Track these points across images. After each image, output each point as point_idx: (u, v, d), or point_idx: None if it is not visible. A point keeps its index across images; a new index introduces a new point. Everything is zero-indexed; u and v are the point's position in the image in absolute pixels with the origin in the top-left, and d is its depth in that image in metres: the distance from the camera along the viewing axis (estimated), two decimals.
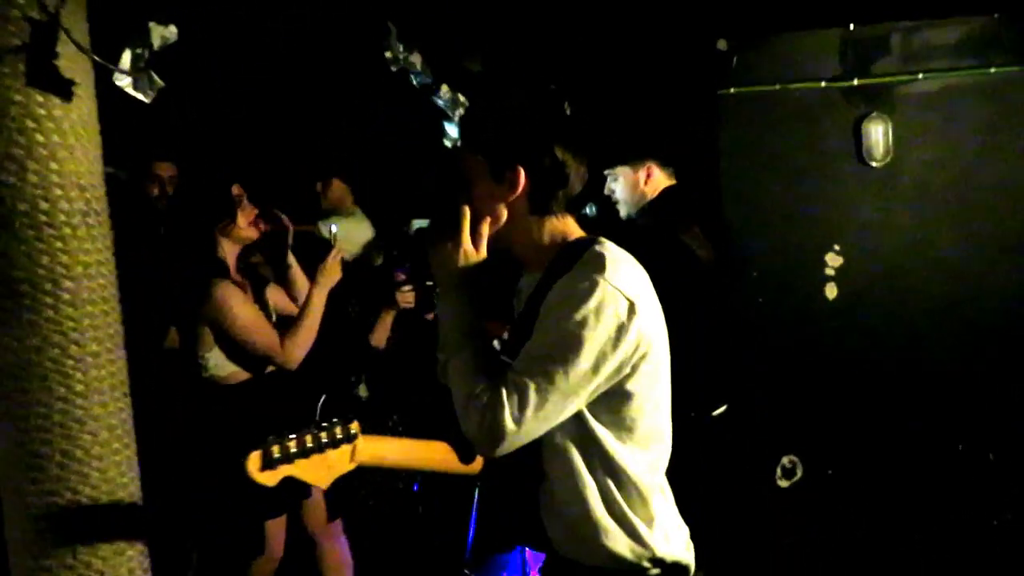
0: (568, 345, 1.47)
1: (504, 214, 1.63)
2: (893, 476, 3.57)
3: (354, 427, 1.59)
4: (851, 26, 3.54)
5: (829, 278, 3.65)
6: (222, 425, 2.74)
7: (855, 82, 3.57)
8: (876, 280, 3.59)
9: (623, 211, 3.44)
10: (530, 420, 1.47)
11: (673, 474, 1.79)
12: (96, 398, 1.86)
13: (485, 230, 1.62)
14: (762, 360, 3.64)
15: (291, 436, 1.54)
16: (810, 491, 3.62)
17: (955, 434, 3.52)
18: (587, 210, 3.57)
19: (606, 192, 3.46)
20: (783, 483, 3.68)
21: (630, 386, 1.57)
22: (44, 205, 1.74)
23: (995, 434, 3.48)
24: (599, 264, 1.54)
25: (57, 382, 1.82)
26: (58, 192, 1.75)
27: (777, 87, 3.68)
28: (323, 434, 1.56)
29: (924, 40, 3.49)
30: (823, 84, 3.62)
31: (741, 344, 3.59)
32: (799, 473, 3.66)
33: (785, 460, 3.67)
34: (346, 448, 1.59)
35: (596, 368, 1.50)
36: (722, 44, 3.66)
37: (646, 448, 1.63)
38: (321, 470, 1.56)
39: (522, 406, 1.46)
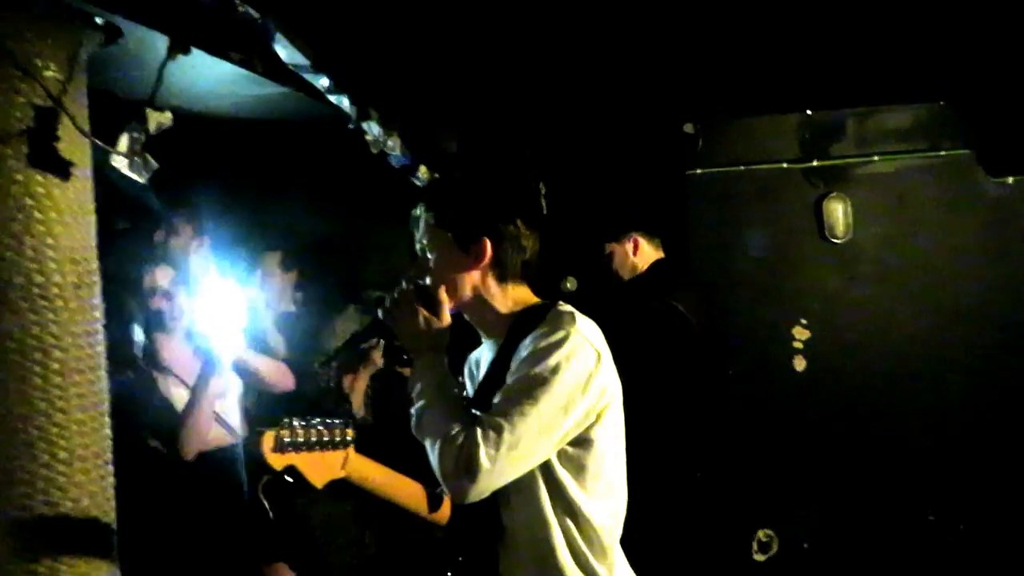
0: (541, 388, 1.56)
1: (468, 283, 1.74)
2: (868, 548, 3.60)
3: (350, 433, 1.66)
4: (808, 111, 3.75)
5: (797, 351, 3.76)
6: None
7: (814, 163, 3.76)
8: (843, 352, 3.70)
9: (615, 282, 3.56)
10: (504, 458, 1.53)
11: (654, 538, 1.85)
12: (79, 465, 1.90)
13: (444, 298, 1.71)
14: (734, 433, 3.71)
15: (301, 423, 1.60)
16: (786, 565, 3.63)
17: (926, 504, 3.58)
18: (567, 285, 3.70)
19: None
20: (759, 557, 3.69)
21: (594, 434, 1.66)
22: (39, 278, 1.82)
23: (964, 504, 3.54)
24: (569, 318, 1.66)
25: (41, 449, 1.86)
26: (52, 265, 1.84)
27: (741, 168, 3.88)
28: (324, 431, 1.63)
29: (877, 124, 3.70)
30: (784, 165, 3.81)
31: (714, 417, 3.66)
32: (775, 547, 3.68)
33: (761, 534, 3.69)
34: (341, 453, 1.65)
35: (566, 410, 1.58)
36: (688, 127, 3.86)
37: (607, 499, 1.70)
38: (320, 468, 1.63)
39: (497, 444, 1.52)
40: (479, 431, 1.53)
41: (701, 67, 3.62)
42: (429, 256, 1.77)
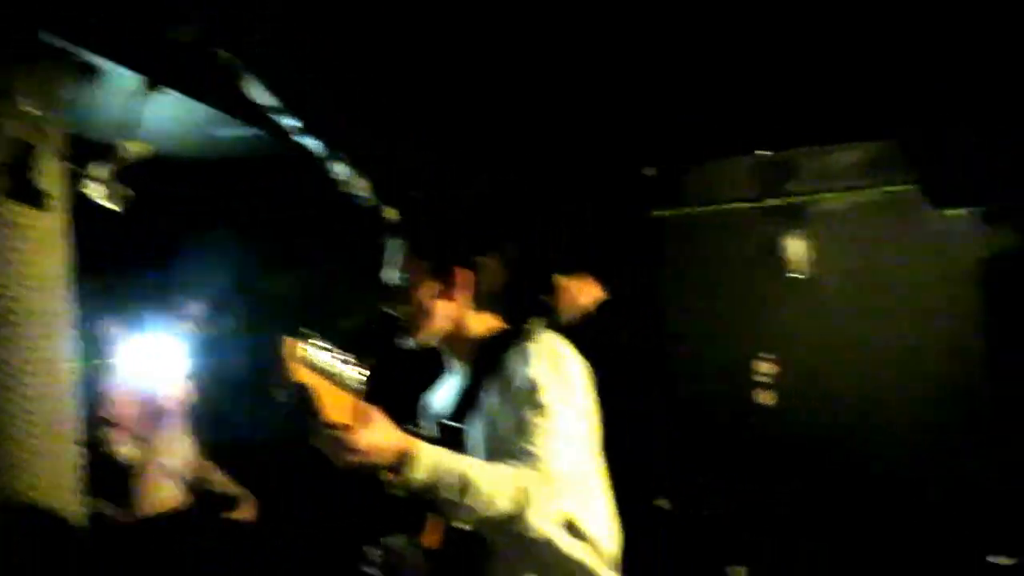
0: (549, 406, 1.62)
1: (446, 312, 1.81)
2: None
3: (361, 378, 1.58)
4: (767, 152, 3.90)
5: (763, 384, 3.84)
6: None
7: (774, 201, 3.90)
8: (808, 384, 3.79)
9: (563, 319, 3.64)
10: (560, 476, 1.57)
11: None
12: (54, 493, 1.92)
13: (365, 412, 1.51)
14: (703, 467, 3.75)
15: (323, 343, 1.54)
16: None
17: (904, 532, 3.59)
18: (536, 317, 3.77)
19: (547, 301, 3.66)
20: None
21: (593, 448, 1.72)
22: (13, 304, 1.87)
23: (941, 527, 3.55)
24: (545, 333, 1.75)
25: (13, 475, 1.88)
26: (26, 292, 1.88)
27: (704, 208, 4.02)
28: (342, 365, 1.54)
29: (831, 163, 3.86)
30: (746, 204, 3.95)
31: (681, 451, 3.71)
32: None
33: (733, 570, 3.70)
34: (352, 398, 1.54)
35: (575, 408, 1.66)
36: (650, 170, 4.01)
37: (609, 520, 1.73)
38: (338, 406, 1.51)
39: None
40: (531, 472, 1.55)
41: (666, 112, 3.76)
42: (406, 285, 1.84)
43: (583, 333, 3.57)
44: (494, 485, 1.52)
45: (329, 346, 1.57)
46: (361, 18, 2.55)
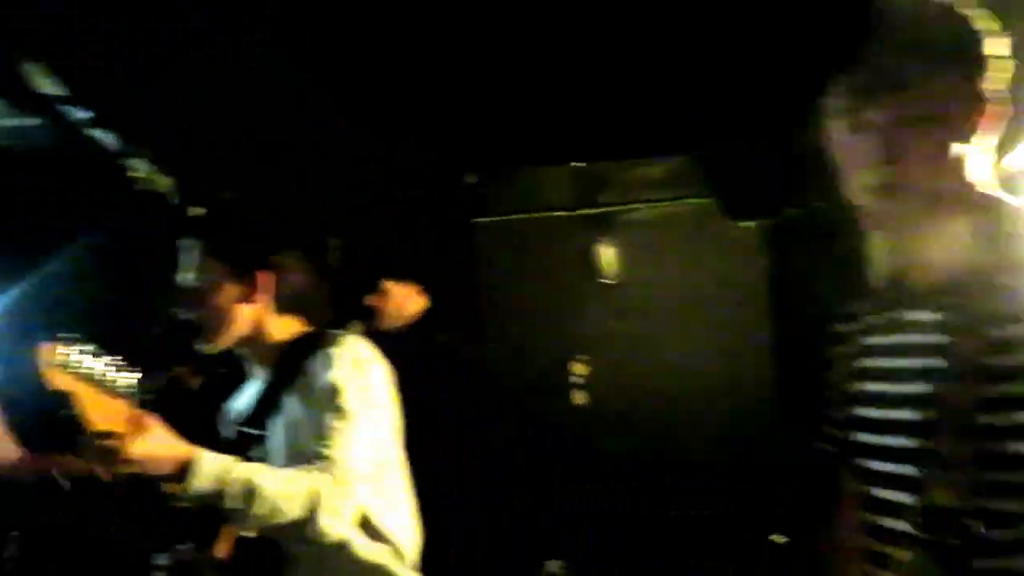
0: (346, 407, 1.62)
1: (245, 315, 1.77)
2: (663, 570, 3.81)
3: (135, 383, 1.48)
4: (580, 163, 4.07)
5: (576, 385, 4.00)
6: None
7: (587, 211, 4.09)
8: (618, 384, 3.98)
9: (386, 324, 3.64)
10: (351, 481, 1.56)
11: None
12: None
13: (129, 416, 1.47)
14: (521, 467, 3.86)
15: (87, 347, 1.45)
16: None
17: (721, 520, 3.82)
18: (352, 325, 3.74)
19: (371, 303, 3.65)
20: None
21: (393, 448, 1.75)
22: None
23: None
24: (347, 338, 1.75)
25: None
26: None
27: (523, 216, 4.15)
28: (109, 371, 1.46)
29: (638, 176, 4.09)
30: (561, 213, 4.12)
31: (496, 452, 3.80)
32: None
33: (550, 566, 3.81)
34: (123, 404, 1.47)
35: (371, 408, 1.66)
36: (470, 178, 4.09)
37: (409, 518, 1.78)
38: (105, 412, 1.44)
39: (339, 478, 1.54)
40: (323, 476, 1.53)
41: (486, 121, 3.83)
42: (202, 288, 1.77)
43: (402, 337, 3.62)
44: (282, 491, 1.50)
45: (95, 351, 1.48)
46: None
